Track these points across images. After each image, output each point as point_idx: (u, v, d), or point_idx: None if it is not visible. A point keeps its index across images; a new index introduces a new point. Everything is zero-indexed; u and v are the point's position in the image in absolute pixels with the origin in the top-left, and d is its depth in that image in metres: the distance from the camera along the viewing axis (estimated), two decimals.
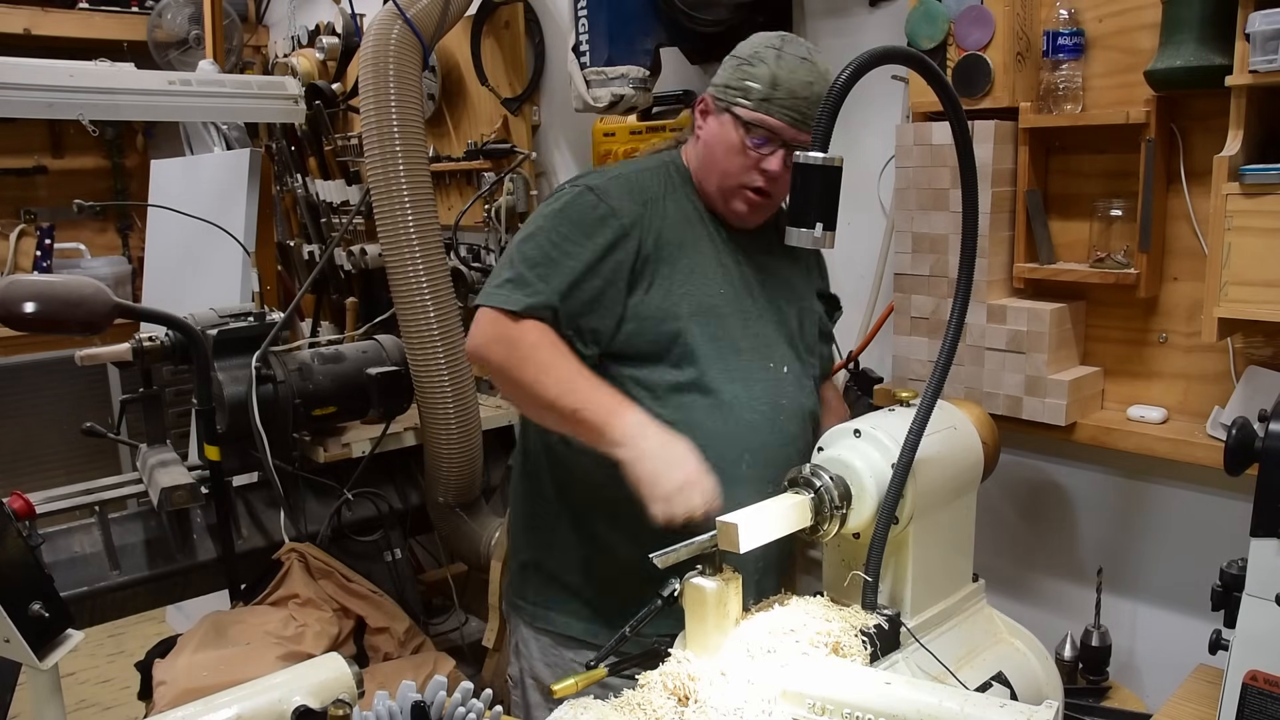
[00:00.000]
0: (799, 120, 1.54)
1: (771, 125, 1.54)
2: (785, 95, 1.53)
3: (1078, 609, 1.88)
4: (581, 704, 1.16)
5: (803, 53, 1.56)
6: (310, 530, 2.58)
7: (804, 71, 1.54)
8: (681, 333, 1.57)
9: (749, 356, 1.62)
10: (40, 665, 1.33)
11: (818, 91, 1.52)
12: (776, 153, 1.56)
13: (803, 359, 1.72)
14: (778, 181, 1.58)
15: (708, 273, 1.62)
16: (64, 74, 2.92)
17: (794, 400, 1.67)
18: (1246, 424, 1.15)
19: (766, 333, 1.66)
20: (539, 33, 2.95)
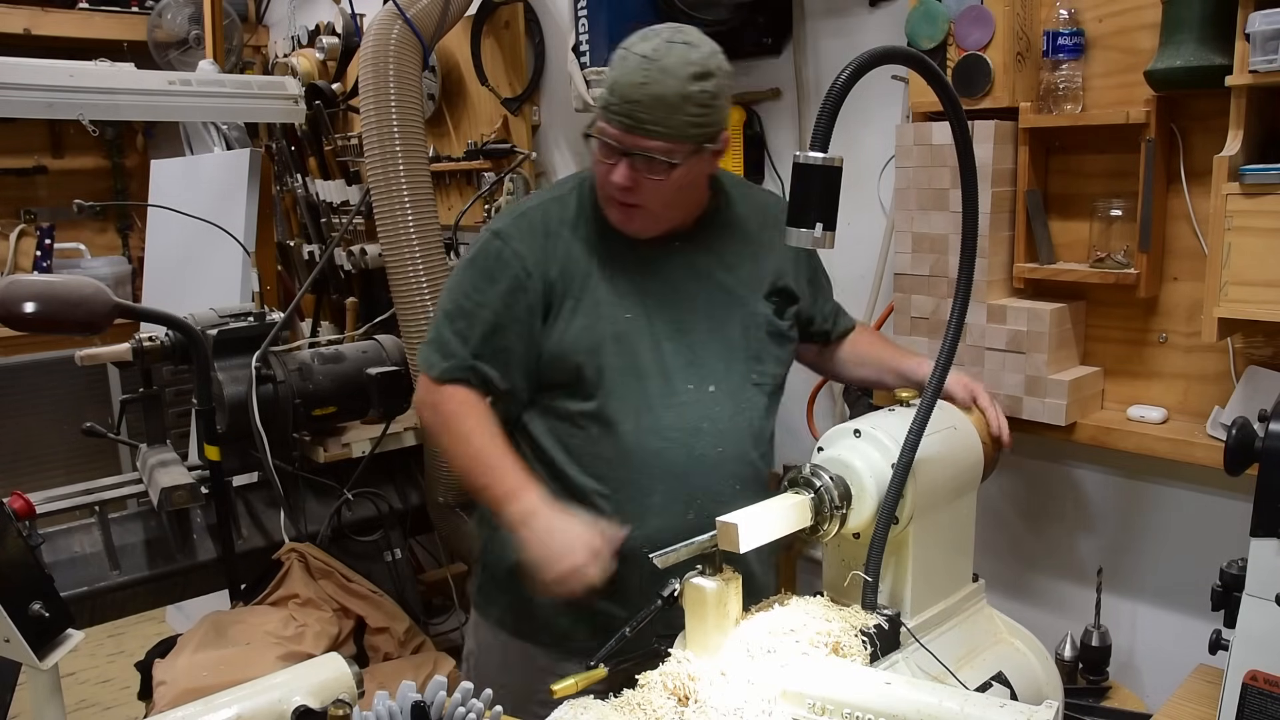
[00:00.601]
0: (632, 125, 1.45)
1: (608, 133, 1.48)
2: (619, 100, 1.45)
3: (1078, 609, 1.88)
4: (581, 704, 1.16)
5: (649, 50, 1.45)
6: (310, 530, 2.58)
7: (639, 73, 1.44)
8: (582, 366, 1.57)
9: (658, 381, 1.58)
10: (40, 665, 1.33)
11: (653, 92, 1.43)
12: (619, 162, 1.49)
13: (743, 370, 1.64)
14: (636, 191, 1.51)
15: (616, 299, 1.58)
16: (64, 74, 2.92)
17: (722, 420, 1.61)
18: (1246, 424, 1.15)
19: (688, 352, 1.60)
20: (539, 33, 2.94)
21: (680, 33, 1.48)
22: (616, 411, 1.57)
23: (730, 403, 1.62)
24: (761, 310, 1.67)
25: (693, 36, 1.49)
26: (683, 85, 1.44)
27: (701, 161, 1.53)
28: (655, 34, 1.48)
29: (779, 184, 2.38)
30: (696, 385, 1.60)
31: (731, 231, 1.68)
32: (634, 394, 1.57)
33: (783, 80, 2.32)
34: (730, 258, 1.66)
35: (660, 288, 1.61)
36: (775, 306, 1.69)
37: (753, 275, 1.67)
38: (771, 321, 1.68)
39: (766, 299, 1.68)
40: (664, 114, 1.44)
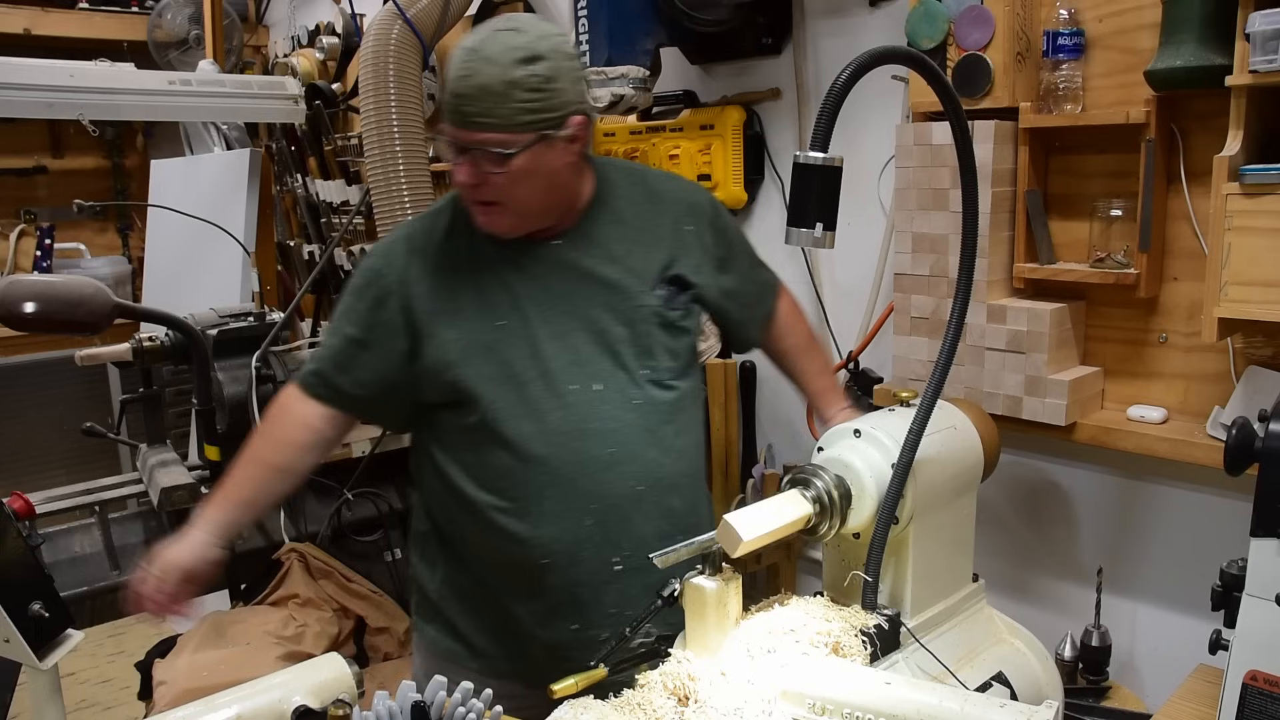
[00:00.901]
0: (463, 120, 1.42)
1: (445, 132, 1.45)
2: (450, 97, 1.43)
3: (1078, 609, 1.88)
4: (581, 704, 1.16)
5: (474, 42, 1.42)
6: (310, 530, 2.58)
7: (462, 65, 1.40)
8: (457, 379, 1.55)
9: (539, 385, 1.54)
10: (40, 665, 1.33)
11: (476, 83, 1.39)
12: (460, 160, 1.46)
13: (633, 366, 1.58)
14: (484, 187, 1.48)
15: (486, 308, 1.55)
16: (64, 74, 2.92)
17: (611, 419, 1.56)
18: (1246, 424, 1.15)
19: (569, 353, 1.56)
20: None
21: (510, 21, 1.45)
22: (499, 421, 1.55)
23: (620, 401, 1.57)
24: (649, 302, 1.60)
25: (522, 22, 1.45)
26: (506, 71, 1.39)
27: (550, 151, 1.47)
28: (486, 26, 1.45)
29: (779, 184, 2.38)
30: (581, 385, 1.55)
31: (616, 222, 1.63)
32: (514, 401, 1.54)
33: (783, 80, 2.32)
34: (616, 249, 1.60)
35: (537, 290, 1.56)
36: (665, 296, 1.62)
37: (640, 266, 1.61)
38: (660, 313, 1.61)
39: (655, 289, 1.61)
40: (491, 103, 1.40)
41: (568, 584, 1.58)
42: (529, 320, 1.56)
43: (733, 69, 2.43)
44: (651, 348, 1.60)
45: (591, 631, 1.59)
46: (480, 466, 1.59)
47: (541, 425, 1.54)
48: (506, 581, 1.62)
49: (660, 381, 1.61)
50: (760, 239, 2.44)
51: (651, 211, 1.66)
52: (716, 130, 2.38)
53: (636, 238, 1.63)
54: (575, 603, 1.59)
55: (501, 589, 1.63)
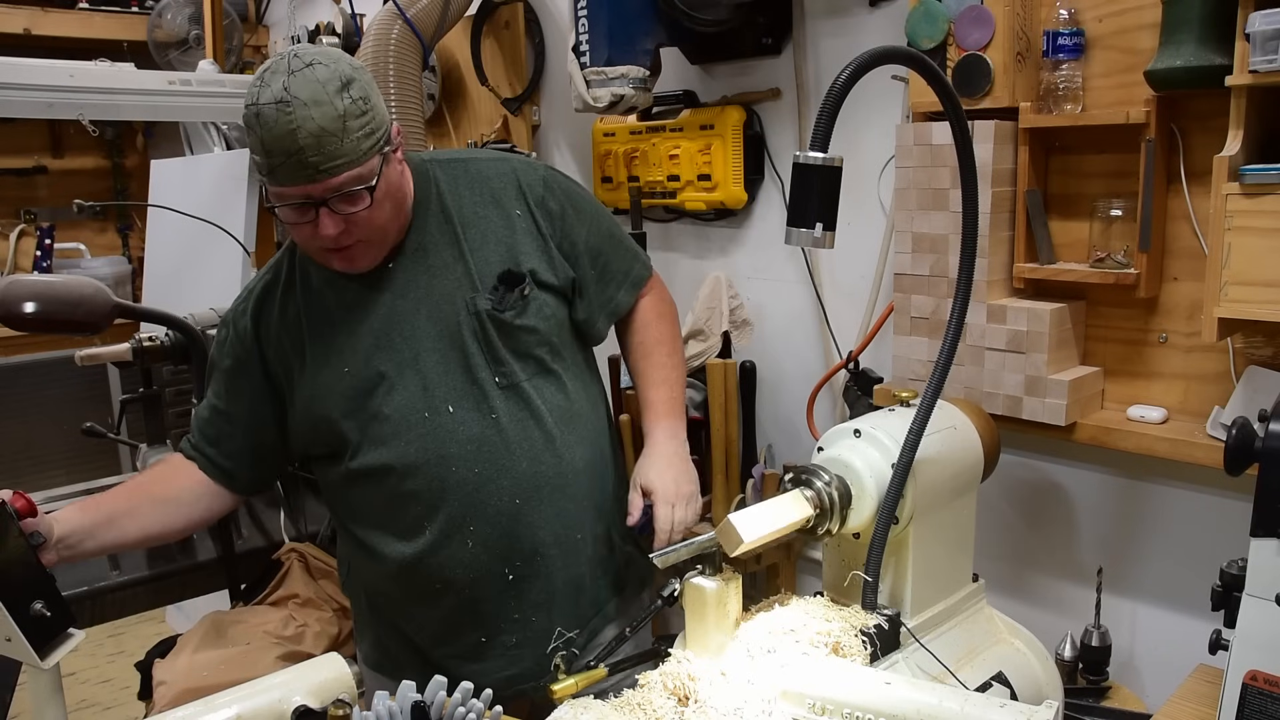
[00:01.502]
0: (312, 174, 1.35)
1: (289, 194, 1.38)
2: (282, 157, 1.34)
3: (1078, 609, 1.88)
4: (581, 704, 1.17)
5: (278, 93, 1.32)
6: (310, 530, 2.58)
7: (283, 121, 1.32)
8: (320, 428, 1.58)
9: (396, 420, 1.53)
10: (42, 664, 1.33)
11: (310, 130, 1.32)
12: (320, 214, 1.39)
13: (484, 378, 1.54)
14: (349, 231, 1.42)
15: (333, 354, 1.54)
16: (64, 74, 2.92)
17: (470, 440, 1.53)
18: (1246, 424, 1.15)
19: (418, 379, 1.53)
20: (539, 33, 2.95)
21: (296, 59, 1.36)
22: (365, 462, 1.55)
23: (476, 418, 1.53)
24: (482, 306, 1.54)
25: (304, 54, 1.37)
26: (332, 107, 1.34)
27: (389, 167, 1.44)
28: (272, 73, 1.35)
29: (779, 184, 2.38)
30: (432, 412, 1.52)
31: (445, 223, 1.58)
32: (374, 439, 1.54)
33: (783, 80, 2.32)
34: (446, 254, 1.56)
35: (376, 325, 1.54)
36: (497, 298, 1.55)
37: (475, 267, 1.56)
38: (494, 316, 1.54)
39: (487, 292, 1.55)
40: (334, 145, 1.34)
41: (465, 601, 1.59)
42: (371, 359, 1.53)
43: (733, 69, 2.43)
44: (498, 353, 1.55)
45: (501, 638, 1.61)
46: (361, 504, 1.61)
47: (403, 457, 1.53)
48: (406, 605, 1.65)
49: (516, 385, 1.56)
50: (760, 239, 2.45)
51: (479, 201, 1.60)
52: (716, 130, 2.38)
53: (468, 234, 1.57)
54: (476, 616, 1.60)
55: (405, 612, 1.66)
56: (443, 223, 1.57)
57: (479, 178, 1.61)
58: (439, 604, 1.60)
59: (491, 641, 1.61)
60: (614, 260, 1.69)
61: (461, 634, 1.62)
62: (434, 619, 1.63)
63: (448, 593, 1.59)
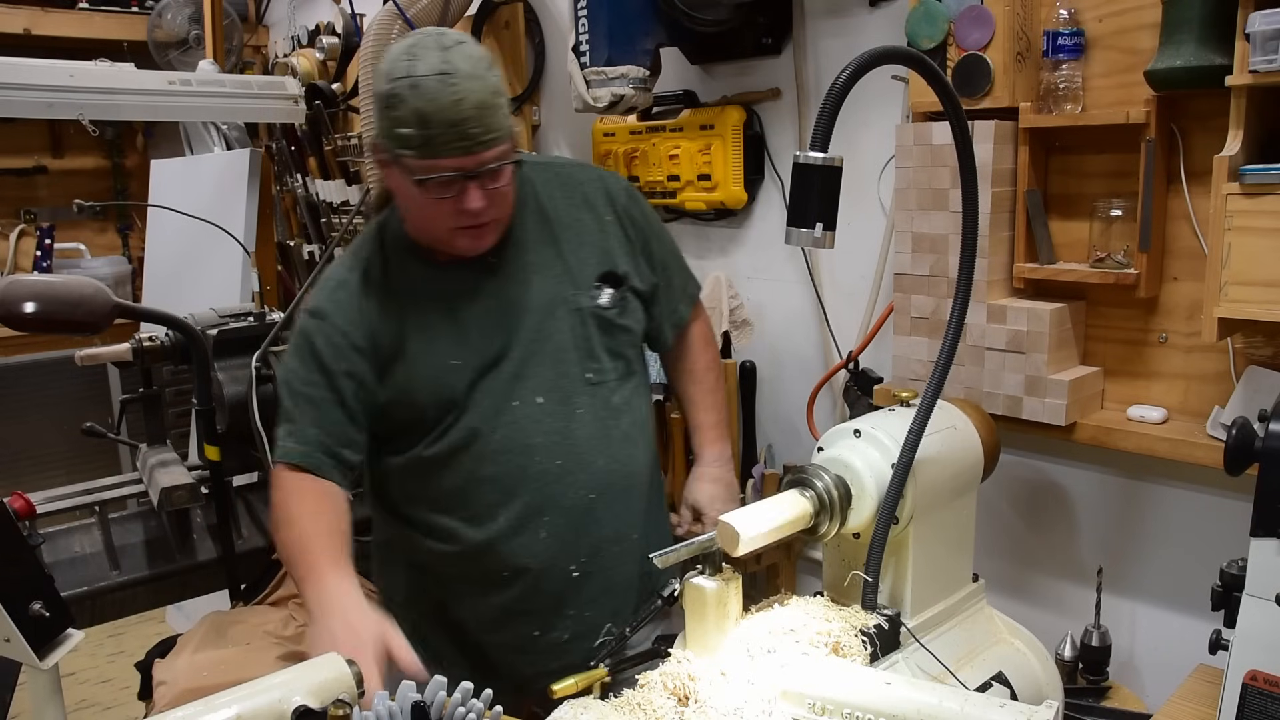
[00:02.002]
0: (471, 146, 1.38)
1: (445, 166, 1.39)
2: (442, 128, 1.36)
3: (1078, 609, 1.88)
4: (581, 704, 1.16)
5: (438, 66, 1.36)
6: None
7: (448, 92, 1.35)
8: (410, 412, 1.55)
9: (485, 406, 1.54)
10: (41, 665, 1.33)
11: (474, 102, 1.35)
12: (468, 187, 1.42)
13: (576, 373, 1.58)
14: (490, 206, 1.46)
15: (432, 340, 1.55)
16: (64, 74, 2.92)
17: (555, 431, 1.57)
18: (1246, 424, 1.15)
19: (512, 368, 1.56)
20: (539, 33, 2.95)
21: (443, 36, 1.40)
22: (448, 446, 1.56)
23: (562, 411, 1.57)
24: (585, 303, 1.59)
25: (449, 34, 1.42)
26: (487, 83, 1.39)
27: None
28: (422, 49, 1.38)
29: (779, 184, 2.38)
30: (522, 401, 1.55)
31: (543, 222, 1.61)
32: (460, 426, 1.55)
33: (783, 80, 2.32)
34: (545, 255, 1.59)
35: (480, 317, 1.56)
36: (600, 295, 1.61)
37: (573, 266, 1.60)
38: (597, 314, 1.60)
39: (590, 289, 1.60)
40: (490, 118, 1.38)
41: (526, 593, 1.60)
42: (470, 345, 1.55)
43: (733, 69, 2.43)
44: (593, 350, 1.59)
45: (553, 634, 1.62)
46: (432, 487, 1.60)
47: (488, 443, 1.54)
48: (466, 592, 1.64)
49: (604, 383, 1.60)
50: (760, 239, 2.45)
51: (572, 205, 1.64)
52: (716, 130, 2.38)
53: (564, 235, 1.61)
54: (535, 609, 1.61)
55: (461, 598, 1.65)
56: (539, 221, 1.61)
57: (570, 181, 1.66)
58: (501, 592, 1.60)
59: (544, 635, 1.62)
60: (676, 274, 1.77)
61: (516, 625, 1.62)
62: (492, 607, 1.62)
63: (514, 582, 1.59)
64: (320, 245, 3.77)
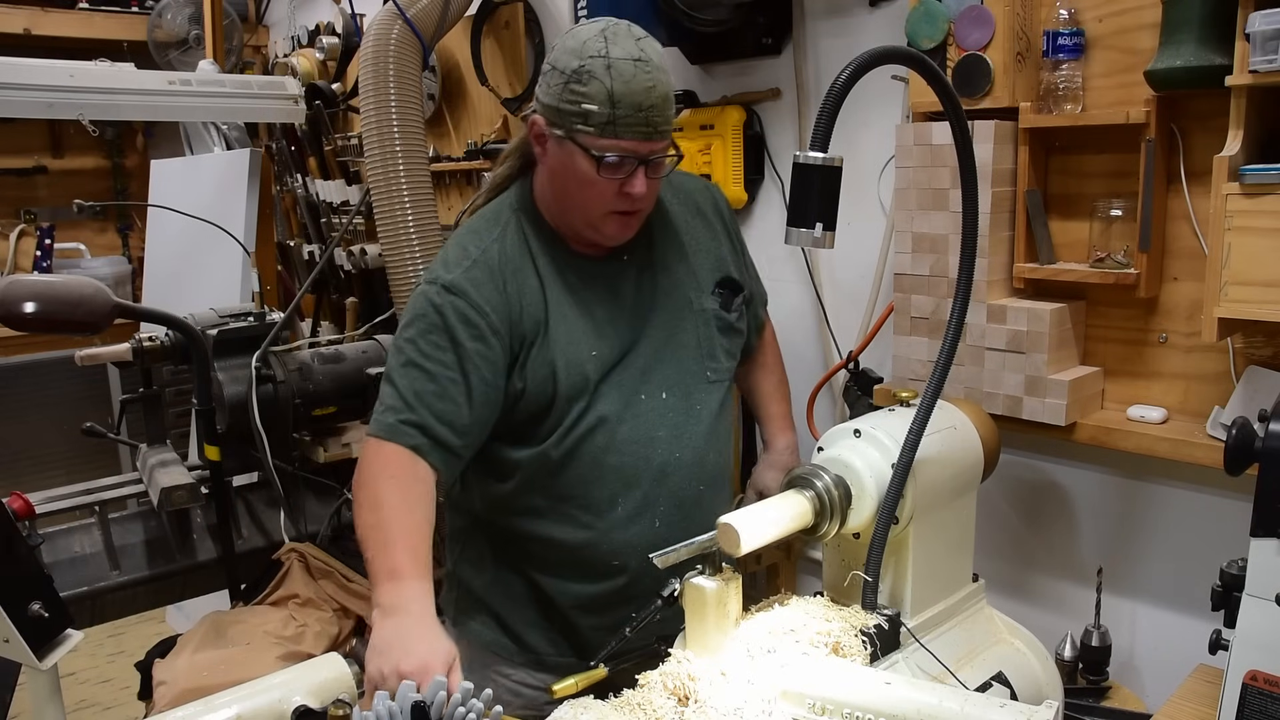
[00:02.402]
0: (650, 133, 1.42)
1: (625, 148, 1.42)
2: (629, 110, 1.39)
3: (1078, 609, 1.88)
4: (581, 704, 1.16)
5: (634, 52, 1.40)
6: (310, 530, 2.58)
7: (642, 78, 1.39)
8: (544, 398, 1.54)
9: (611, 399, 1.56)
10: (40, 665, 1.33)
11: (662, 92, 1.41)
12: (637, 171, 1.45)
13: (696, 370, 1.63)
14: (648, 195, 1.50)
15: (569, 330, 1.55)
16: (64, 74, 2.92)
17: (676, 425, 1.60)
18: (1246, 424, 1.15)
19: (640, 363, 1.59)
20: (539, 33, 2.94)
21: (632, 26, 1.44)
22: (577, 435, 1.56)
23: (684, 406, 1.61)
24: (709, 306, 1.66)
25: (637, 26, 1.46)
26: (669, 78, 1.45)
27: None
28: (616, 34, 1.41)
29: (779, 184, 2.38)
30: (649, 395, 1.59)
31: (666, 227, 1.66)
32: (591, 416, 1.56)
33: (783, 80, 2.32)
34: (671, 257, 1.65)
35: (615, 313, 1.59)
36: (721, 299, 1.67)
37: (695, 269, 1.66)
38: (720, 316, 1.67)
39: (712, 293, 1.67)
40: (669, 110, 1.45)
41: (633, 579, 1.62)
42: (604, 337, 1.58)
43: (733, 69, 2.43)
44: (713, 351, 1.66)
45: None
46: (558, 478, 1.59)
47: (614, 436, 1.57)
48: (570, 577, 1.64)
49: (720, 382, 1.67)
50: (760, 239, 2.45)
51: (688, 211, 1.70)
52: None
53: (685, 240, 1.67)
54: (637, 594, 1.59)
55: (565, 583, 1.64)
56: (664, 226, 1.66)
57: (682, 189, 1.71)
58: (609, 580, 1.61)
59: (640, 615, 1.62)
60: (756, 281, 1.84)
61: (616, 609, 1.61)
62: (596, 592, 1.63)
63: (624, 570, 1.60)
64: (320, 245, 3.76)
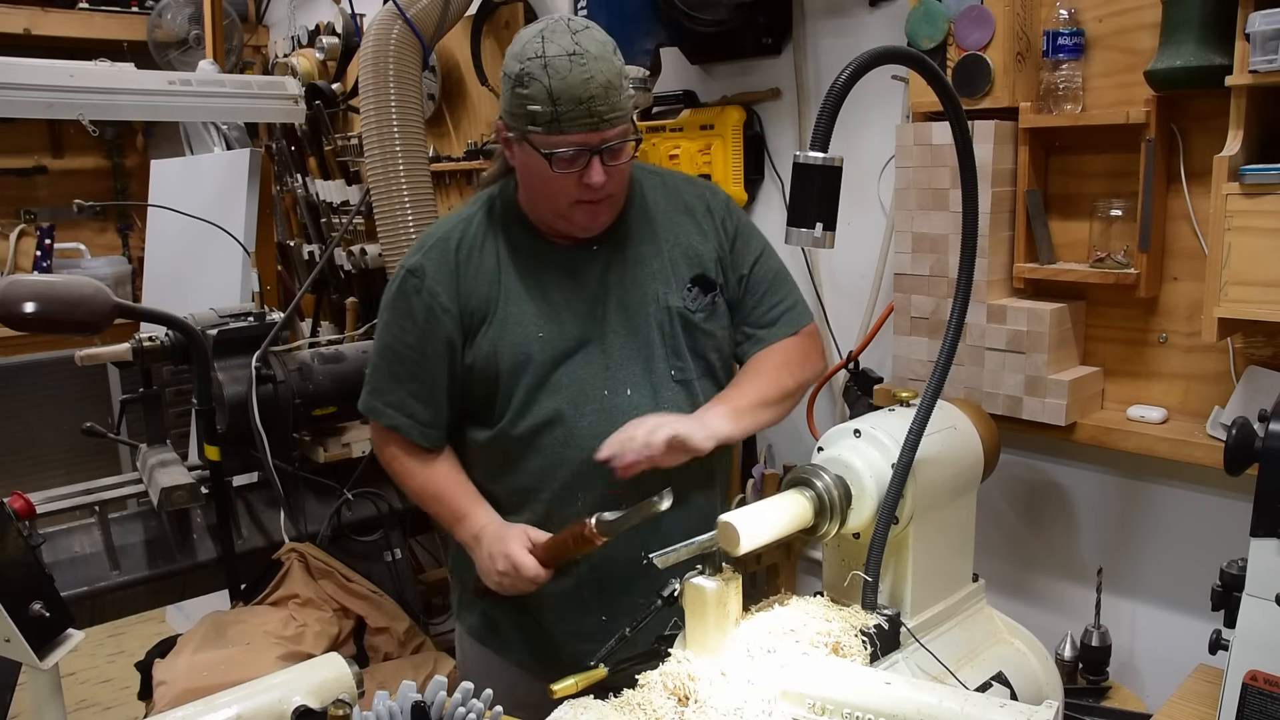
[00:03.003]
0: (596, 123, 1.45)
1: (572, 141, 1.46)
2: (570, 105, 1.43)
3: (1078, 609, 1.88)
4: (581, 704, 1.16)
5: (569, 47, 1.43)
6: (310, 530, 2.58)
7: (578, 71, 1.42)
8: (497, 387, 1.59)
9: (571, 392, 1.58)
10: (40, 665, 1.33)
11: (602, 81, 1.43)
12: (592, 162, 1.48)
13: (662, 369, 1.61)
14: (610, 182, 1.51)
15: (525, 318, 1.58)
16: (64, 74, 2.92)
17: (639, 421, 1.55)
18: (1246, 424, 1.15)
19: (602, 358, 1.59)
20: None
21: (572, 21, 1.48)
22: (530, 426, 1.58)
23: (650, 405, 1.59)
24: (674, 303, 1.62)
25: (578, 20, 1.50)
26: (612, 65, 1.46)
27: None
28: (553, 32, 1.45)
29: (779, 184, 2.38)
30: (611, 391, 1.59)
31: (647, 221, 1.66)
32: (545, 408, 1.58)
33: (783, 80, 2.33)
34: (644, 249, 1.64)
35: (573, 298, 1.60)
36: (690, 297, 1.63)
37: (666, 265, 1.64)
38: (684, 314, 1.62)
39: (680, 290, 1.63)
40: (615, 97, 1.46)
41: (597, 578, 1.62)
42: (565, 329, 1.59)
43: (733, 69, 2.43)
44: (678, 349, 1.63)
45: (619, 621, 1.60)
46: (518, 469, 1.62)
47: (574, 429, 1.58)
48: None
49: (687, 382, 1.64)
50: None
51: (673, 209, 1.69)
52: (716, 130, 2.38)
53: (664, 235, 1.65)
54: (603, 595, 1.62)
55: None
56: (643, 220, 1.66)
57: (675, 190, 1.72)
58: (571, 574, 1.61)
59: (611, 622, 1.62)
60: (772, 297, 1.70)
61: (586, 612, 1.63)
62: (563, 591, 1.63)
63: (580, 565, 1.60)
64: (320, 245, 3.76)
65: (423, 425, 1.64)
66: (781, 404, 1.66)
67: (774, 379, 1.65)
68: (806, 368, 1.70)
